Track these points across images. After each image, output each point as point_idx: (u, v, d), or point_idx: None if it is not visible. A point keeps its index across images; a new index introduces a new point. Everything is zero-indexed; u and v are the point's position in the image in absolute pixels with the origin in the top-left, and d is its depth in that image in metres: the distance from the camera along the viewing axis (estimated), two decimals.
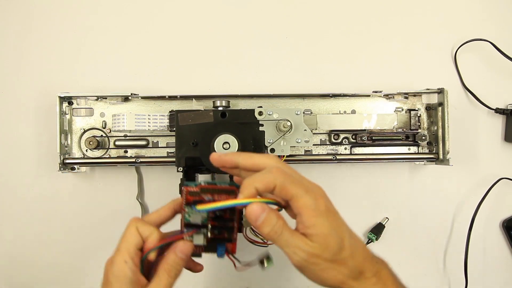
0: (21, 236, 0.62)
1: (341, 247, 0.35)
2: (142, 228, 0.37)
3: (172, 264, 0.37)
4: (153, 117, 0.56)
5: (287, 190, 0.34)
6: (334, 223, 0.35)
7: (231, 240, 0.40)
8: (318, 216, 0.34)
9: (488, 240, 0.64)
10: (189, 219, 0.39)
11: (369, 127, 0.59)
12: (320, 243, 0.34)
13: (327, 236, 0.34)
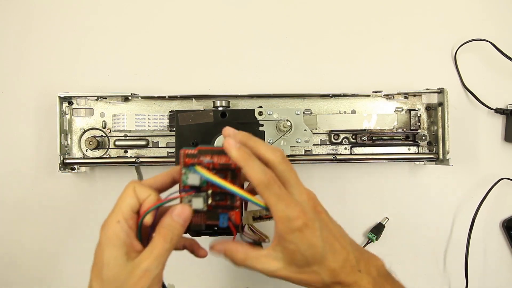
0: (21, 236, 0.62)
1: (308, 263, 0.35)
2: (139, 189, 0.35)
3: (168, 228, 0.34)
4: (153, 117, 0.56)
5: (265, 198, 0.34)
6: (307, 241, 0.34)
7: (234, 207, 0.38)
8: (290, 233, 0.34)
9: (488, 240, 0.64)
10: (187, 181, 0.36)
11: (369, 127, 0.59)
12: (287, 256, 0.35)
13: (294, 253, 0.34)
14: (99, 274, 0.32)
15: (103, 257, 0.32)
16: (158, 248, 0.33)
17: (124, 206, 0.34)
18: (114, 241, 0.33)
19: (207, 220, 0.38)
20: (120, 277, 0.32)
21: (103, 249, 0.33)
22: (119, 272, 0.32)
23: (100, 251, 0.33)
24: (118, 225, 0.33)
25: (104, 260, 0.32)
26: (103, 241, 0.33)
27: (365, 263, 0.38)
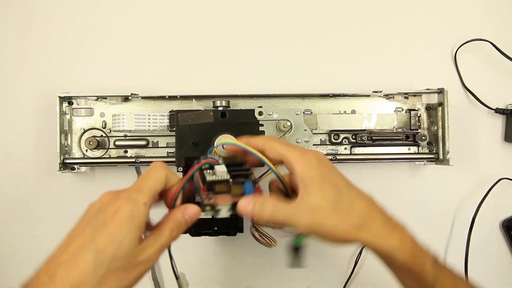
0: (20, 236, 0.62)
1: (338, 195, 0.35)
2: (171, 176, 0.36)
3: (177, 223, 0.35)
4: (153, 117, 0.56)
5: (277, 149, 0.36)
6: (328, 174, 0.35)
7: (251, 173, 0.40)
8: (309, 168, 0.35)
9: (488, 240, 0.64)
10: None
11: (369, 127, 0.59)
12: (316, 193, 0.34)
13: (321, 185, 0.35)
14: (105, 245, 0.30)
15: (120, 232, 0.31)
16: (163, 240, 0.33)
17: (154, 188, 0.34)
18: (137, 222, 0.31)
19: (233, 195, 0.38)
20: (127, 258, 0.31)
21: (122, 224, 0.31)
22: (128, 253, 0.31)
23: (117, 224, 0.31)
24: (144, 207, 0.32)
25: (120, 237, 0.30)
26: (124, 216, 0.31)
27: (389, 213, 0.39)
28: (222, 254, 0.62)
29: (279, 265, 0.63)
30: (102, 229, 0.31)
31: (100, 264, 0.30)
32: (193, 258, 0.62)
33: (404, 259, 0.34)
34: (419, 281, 0.35)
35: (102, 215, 0.32)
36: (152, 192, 0.34)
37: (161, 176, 0.35)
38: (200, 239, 0.57)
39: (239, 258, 0.63)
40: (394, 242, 0.34)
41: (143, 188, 0.33)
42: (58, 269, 0.30)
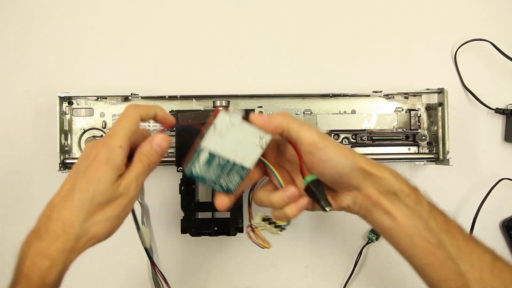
0: (20, 236, 0.62)
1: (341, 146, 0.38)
2: (145, 112, 0.38)
3: (146, 155, 0.37)
4: None
5: (295, 129, 0.37)
6: (333, 144, 0.37)
7: None
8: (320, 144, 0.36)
9: (488, 240, 0.63)
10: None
11: (369, 127, 0.59)
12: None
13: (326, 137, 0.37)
14: (86, 185, 0.35)
15: (98, 173, 0.35)
16: (136, 171, 0.37)
17: (128, 131, 0.36)
18: (113, 163, 0.35)
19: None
20: (106, 193, 0.35)
21: (100, 166, 0.35)
22: (106, 190, 0.35)
23: (96, 167, 0.35)
24: (120, 150, 0.35)
25: (98, 176, 0.35)
26: (102, 159, 0.35)
27: None
28: (222, 254, 0.62)
29: (279, 265, 0.63)
30: (84, 172, 0.36)
31: (84, 201, 0.35)
32: (193, 258, 0.63)
33: (401, 188, 0.38)
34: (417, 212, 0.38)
35: (85, 162, 0.36)
36: (127, 135, 0.36)
37: (134, 118, 0.37)
38: (200, 239, 0.57)
39: (239, 258, 0.63)
40: (391, 173, 0.38)
41: (117, 132, 0.36)
42: (53, 210, 0.37)
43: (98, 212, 0.35)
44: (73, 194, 0.36)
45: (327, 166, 0.37)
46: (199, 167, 0.37)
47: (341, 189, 0.39)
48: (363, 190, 0.38)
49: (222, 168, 0.37)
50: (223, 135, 0.36)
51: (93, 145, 0.37)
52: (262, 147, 0.37)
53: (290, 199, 0.37)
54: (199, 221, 0.53)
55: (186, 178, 0.53)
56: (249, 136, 0.37)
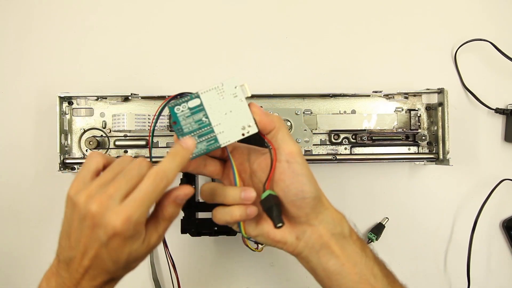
0: (21, 236, 0.62)
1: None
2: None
3: (172, 214, 0.36)
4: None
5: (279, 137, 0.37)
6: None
7: None
8: (295, 157, 0.36)
9: (488, 240, 0.64)
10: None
11: (369, 127, 0.59)
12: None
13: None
14: (121, 262, 0.34)
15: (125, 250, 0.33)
16: (162, 230, 0.36)
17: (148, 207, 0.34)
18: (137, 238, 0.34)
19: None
20: (140, 258, 0.36)
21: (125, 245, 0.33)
22: (139, 256, 0.36)
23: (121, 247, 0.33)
24: (143, 226, 0.34)
25: (127, 252, 0.34)
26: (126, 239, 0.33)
27: None
28: (222, 254, 0.62)
29: (279, 265, 0.63)
30: (107, 248, 0.33)
31: (121, 265, 0.34)
32: (193, 258, 0.63)
33: (351, 232, 0.39)
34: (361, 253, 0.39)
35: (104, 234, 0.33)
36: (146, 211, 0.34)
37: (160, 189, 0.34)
38: (200, 239, 0.57)
39: (239, 258, 0.63)
40: (344, 216, 0.40)
41: (145, 200, 0.33)
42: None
43: (129, 265, 0.35)
44: (103, 258, 0.33)
45: (297, 182, 0.36)
46: (183, 109, 0.37)
47: (293, 218, 0.37)
48: (315, 227, 0.37)
49: (199, 126, 0.37)
50: (222, 99, 0.37)
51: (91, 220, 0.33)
52: (243, 135, 0.37)
53: (245, 199, 0.36)
54: (199, 221, 0.53)
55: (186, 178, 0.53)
56: (240, 117, 0.37)
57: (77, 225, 0.34)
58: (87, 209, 0.32)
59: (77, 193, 0.34)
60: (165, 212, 0.36)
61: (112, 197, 0.32)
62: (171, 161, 0.34)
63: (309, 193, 0.36)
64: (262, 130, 0.37)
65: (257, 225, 0.39)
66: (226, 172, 0.41)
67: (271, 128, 0.37)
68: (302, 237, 0.38)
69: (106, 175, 0.35)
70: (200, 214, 0.54)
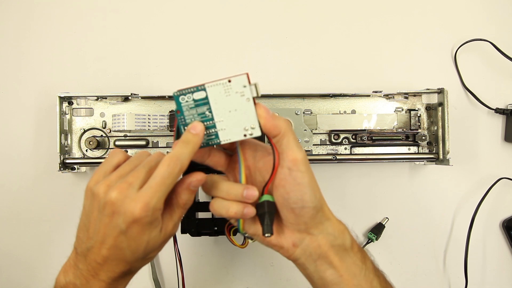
0: (21, 236, 0.62)
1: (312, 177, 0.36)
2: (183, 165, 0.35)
3: (187, 201, 0.36)
4: (153, 117, 0.56)
5: (286, 142, 0.36)
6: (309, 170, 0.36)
7: None
8: (298, 166, 0.35)
9: (488, 240, 0.64)
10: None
11: (369, 127, 0.59)
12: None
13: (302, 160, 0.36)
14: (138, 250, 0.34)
15: (143, 238, 0.34)
16: (177, 219, 0.37)
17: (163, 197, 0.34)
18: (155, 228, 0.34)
19: None
20: (156, 247, 0.36)
21: (144, 232, 0.34)
22: (157, 246, 0.36)
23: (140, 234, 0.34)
24: (160, 213, 0.34)
25: (145, 240, 0.34)
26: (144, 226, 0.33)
27: None
28: (222, 254, 0.62)
29: (279, 265, 0.63)
30: (127, 237, 0.34)
31: (138, 256, 0.35)
32: (193, 258, 0.63)
33: (352, 244, 0.38)
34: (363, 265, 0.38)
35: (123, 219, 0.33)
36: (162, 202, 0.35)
37: (172, 179, 0.35)
38: (200, 239, 0.57)
39: (239, 258, 0.63)
40: (346, 227, 0.39)
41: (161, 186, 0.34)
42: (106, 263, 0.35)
43: (147, 256, 0.36)
44: (121, 246, 0.34)
45: (297, 190, 0.35)
46: (188, 99, 0.37)
47: (292, 225, 0.37)
48: (314, 236, 0.37)
49: (202, 119, 0.37)
50: (229, 95, 0.35)
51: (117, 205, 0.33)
52: (245, 136, 0.36)
53: (246, 198, 0.36)
54: (199, 221, 0.53)
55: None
56: (245, 117, 0.36)
57: (97, 215, 0.34)
58: (107, 198, 0.33)
59: (96, 184, 0.34)
60: (179, 199, 0.36)
61: (132, 185, 0.33)
62: (183, 147, 0.35)
63: (309, 202, 0.35)
64: (266, 134, 0.36)
65: (255, 224, 0.38)
66: (231, 166, 0.40)
67: (276, 133, 0.35)
68: (300, 244, 0.37)
69: (125, 167, 0.36)
70: (200, 214, 0.54)
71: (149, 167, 0.35)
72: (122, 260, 0.34)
